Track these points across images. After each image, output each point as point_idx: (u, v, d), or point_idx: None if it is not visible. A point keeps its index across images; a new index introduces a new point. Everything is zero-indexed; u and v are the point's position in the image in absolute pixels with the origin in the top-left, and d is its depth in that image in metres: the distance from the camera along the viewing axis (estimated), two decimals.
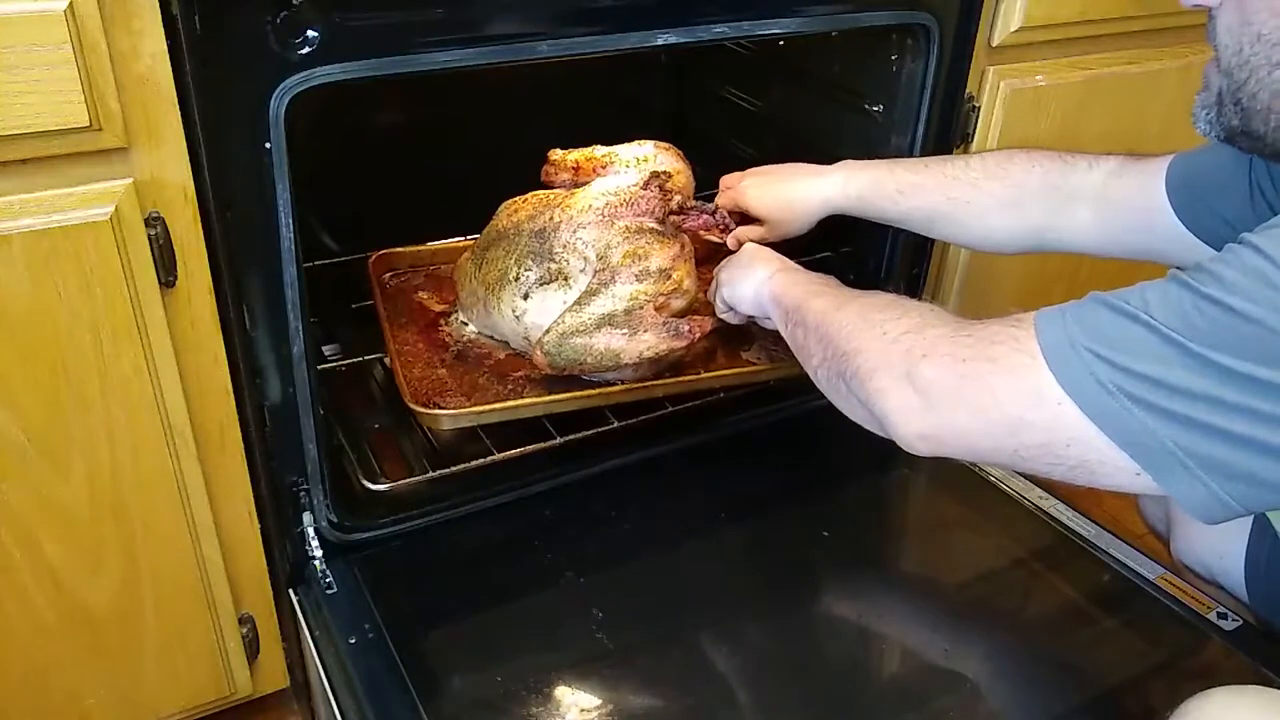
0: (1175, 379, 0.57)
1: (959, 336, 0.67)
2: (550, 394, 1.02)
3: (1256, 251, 0.57)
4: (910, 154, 1.12)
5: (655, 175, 1.03)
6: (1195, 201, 0.88)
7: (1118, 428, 0.59)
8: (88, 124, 0.70)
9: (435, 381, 1.05)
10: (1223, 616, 0.91)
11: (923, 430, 0.67)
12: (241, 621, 0.98)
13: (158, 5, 0.70)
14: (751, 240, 1.07)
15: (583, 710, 0.83)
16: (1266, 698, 0.66)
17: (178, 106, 0.74)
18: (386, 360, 1.09)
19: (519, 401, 1.01)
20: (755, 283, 0.96)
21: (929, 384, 0.66)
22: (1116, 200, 0.93)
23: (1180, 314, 0.58)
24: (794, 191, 1.08)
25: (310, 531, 0.95)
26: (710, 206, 1.12)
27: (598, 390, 1.02)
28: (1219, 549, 0.94)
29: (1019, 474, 1.09)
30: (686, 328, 0.99)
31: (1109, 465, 0.61)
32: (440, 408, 1.00)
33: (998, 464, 0.70)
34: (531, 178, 1.15)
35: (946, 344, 0.67)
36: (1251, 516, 0.92)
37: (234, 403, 0.87)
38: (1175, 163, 0.90)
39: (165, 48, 0.71)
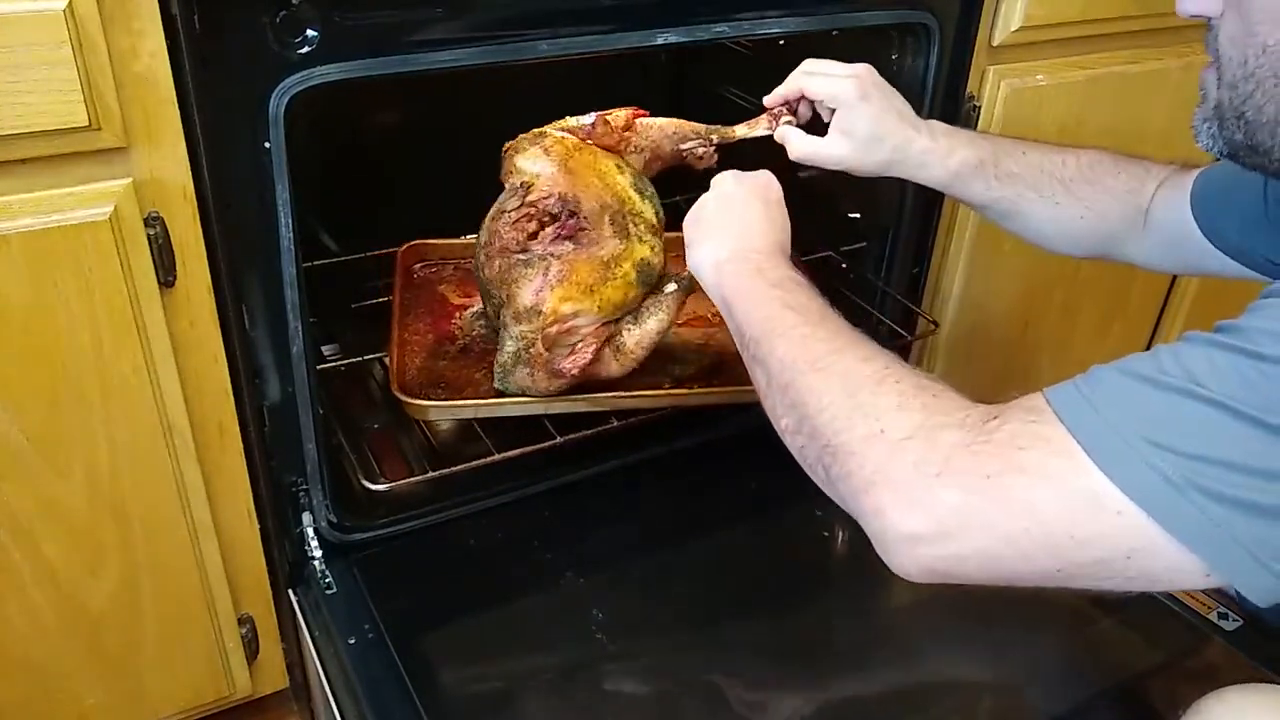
0: (1255, 462, 0.49)
1: (977, 444, 0.56)
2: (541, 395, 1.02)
3: None
4: None
5: (512, 193, 0.95)
6: (1215, 216, 0.85)
7: (1191, 528, 0.50)
8: (87, 123, 0.70)
9: (433, 373, 1.05)
10: (1223, 617, 0.91)
11: (935, 564, 0.56)
12: (241, 622, 0.98)
13: (157, 5, 0.70)
14: (802, 151, 0.89)
15: (582, 711, 0.83)
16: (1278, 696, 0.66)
17: (177, 106, 0.74)
18: (386, 358, 1.09)
19: (505, 400, 1.00)
20: (703, 257, 0.81)
21: (948, 510, 0.55)
22: (1159, 216, 0.90)
23: (1242, 383, 0.50)
24: (892, 127, 0.88)
25: (310, 532, 0.95)
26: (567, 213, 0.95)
27: (584, 396, 1.01)
28: None
29: None
30: (563, 366, 0.95)
31: (1175, 570, 0.52)
32: (429, 400, 1.00)
33: (1030, 585, 0.57)
34: None
35: (964, 456, 0.55)
36: None
37: (233, 403, 0.87)
38: (1199, 177, 0.88)
39: (164, 47, 0.71)
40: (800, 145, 0.90)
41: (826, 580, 0.99)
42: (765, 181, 0.86)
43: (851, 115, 0.87)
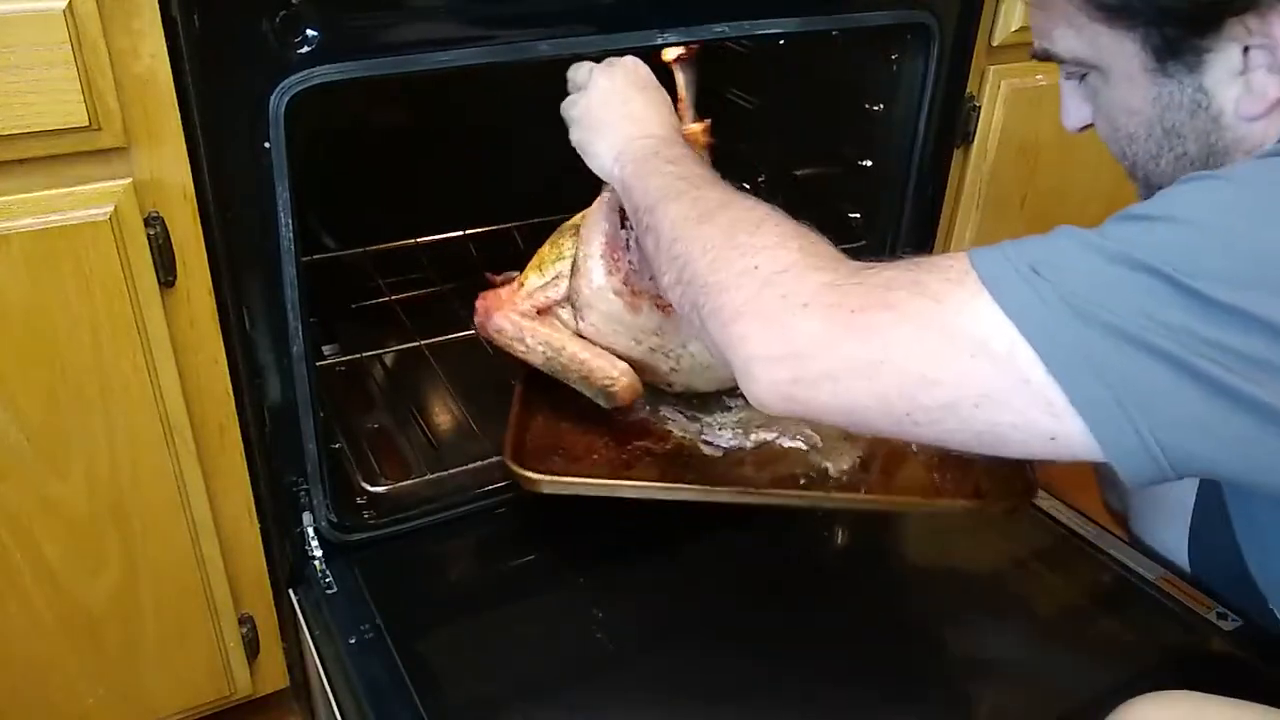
0: (1141, 300, 0.50)
1: (848, 284, 0.58)
2: (658, 480, 0.96)
3: (1209, 180, 0.54)
4: (911, 154, 1.12)
5: None
6: None
7: (1061, 356, 0.51)
8: (87, 124, 0.70)
9: (553, 435, 0.98)
10: (1222, 616, 0.91)
11: (789, 388, 0.58)
12: (241, 621, 0.98)
13: (157, 5, 0.70)
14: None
15: (584, 711, 0.83)
16: (1191, 703, 0.66)
17: (177, 106, 0.74)
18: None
19: (623, 483, 0.94)
20: (601, 153, 0.83)
21: (807, 339, 0.57)
22: None
23: (1148, 239, 0.52)
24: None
25: (310, 531, 0.94)
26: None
27: (699, 487, 0.93)
28: (1167, 528, 0.97)
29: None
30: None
31: (1022, 427, 0.53)
32: (538, 470, 0.91)
33: (877, 432, 0.60)
34: (530, 175, 1.14)
35: (830, 293, 0.58)
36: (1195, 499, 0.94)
37: (233, 402, 0.87)
38: None
39: (165, 47, 0.71)
40: None
41: (837, 580, 0.99)
42: (632, 68, 0.87)
43: None
